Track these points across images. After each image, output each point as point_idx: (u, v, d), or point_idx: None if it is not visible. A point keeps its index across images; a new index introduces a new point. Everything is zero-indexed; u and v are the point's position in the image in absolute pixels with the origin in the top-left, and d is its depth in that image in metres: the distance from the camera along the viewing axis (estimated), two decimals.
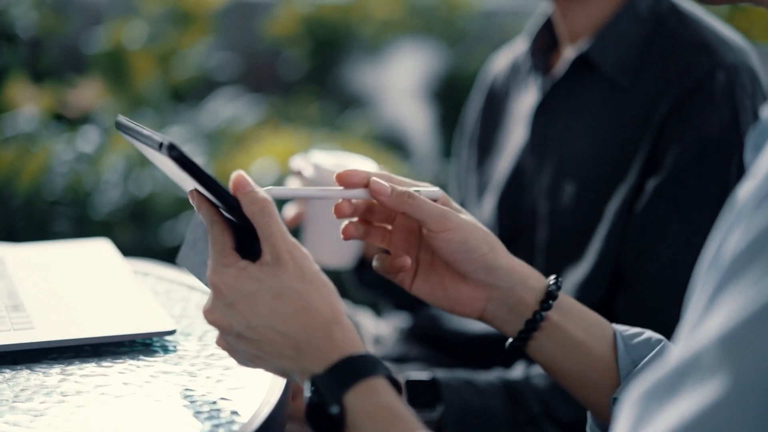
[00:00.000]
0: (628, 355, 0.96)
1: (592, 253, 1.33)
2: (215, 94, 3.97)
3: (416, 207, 0.93)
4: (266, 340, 0.85)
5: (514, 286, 0.97)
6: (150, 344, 1.07)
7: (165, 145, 0.83)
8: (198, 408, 0.92)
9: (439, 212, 0.94)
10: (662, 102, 1.28)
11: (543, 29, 1.47)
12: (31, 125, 3.28)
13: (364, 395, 0.81)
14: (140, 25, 4.10)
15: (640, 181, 1.29)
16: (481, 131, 1.61)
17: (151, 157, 0.96)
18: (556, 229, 1.39)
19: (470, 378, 1.34)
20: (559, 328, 0.97)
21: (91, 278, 1.24)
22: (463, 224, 0.94)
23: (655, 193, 1.27)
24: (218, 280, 0.86)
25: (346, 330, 0.85)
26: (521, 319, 0.97)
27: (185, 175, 0.85)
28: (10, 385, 0.96)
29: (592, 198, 1.34)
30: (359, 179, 0.95)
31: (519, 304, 0.97)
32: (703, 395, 0.57)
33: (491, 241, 0.96)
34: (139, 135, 0.90)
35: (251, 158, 3.12)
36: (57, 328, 1.06)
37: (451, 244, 0.94)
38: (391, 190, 0.94)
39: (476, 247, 0.94)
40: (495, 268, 0.96)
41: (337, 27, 4.40)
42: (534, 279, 0.98)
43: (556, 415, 1.31)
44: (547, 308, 0.96)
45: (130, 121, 0.93)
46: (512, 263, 0.97)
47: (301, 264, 0.85)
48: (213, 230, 0.88)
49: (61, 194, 2.99)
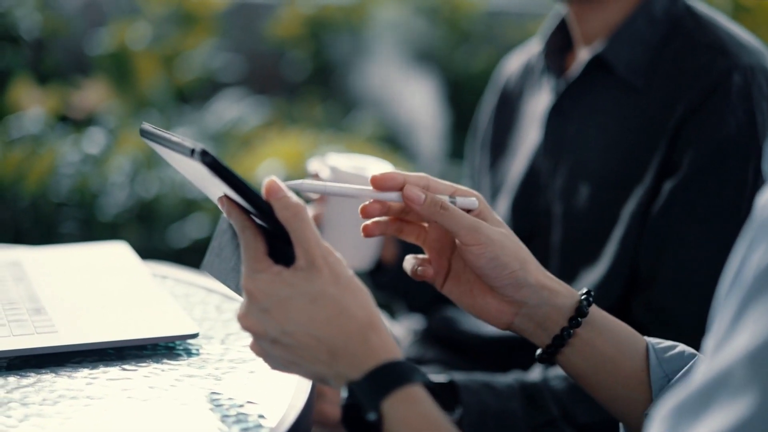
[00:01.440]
0: (660, 369, 0.94)
1: (608, 256, 1.33)
2: (220, 96, 3.97)
3: (447, 218, 0.92)
4: (302, 345, 0.84)
5: (543, 303, 0.95)
6: (173, 347, 1.07)
7: (197, 152, 0.83)
8: (225, 412, 0.92)
9: (471, 226, 0.92)
10: (678, 104, 1.28)
11: (557, 31, 1.47)
12: (37, 127, 3.28)
13: (402, 403, 0.81)
14: (144, 27, 4.10)
15: (656, 184, 1.29)
16: (494, 133, 1.60)
17: (175, 163, 0.95)
18: (570, 230, 1.39)
19: (488, 380, 1.34)
20: (588, 344, 0.95)
21: (111, 281, 1.24)
22: (494, 240, 0.93)
23: (672, 195, 1.27)
24: (252, 286, 0.85)
25: (383, 336, 0.84)
26: (549, 335, 0.96)
27: (216, 181, 0.85)
28: (36, 389, 0.95)
29: (607, 200, 1.34)
30: (394, 183, 0.93)
31: (547, 321, 0.96)
32: (733, 412, 0.57)
33: (522, 258, 0.94)
34: (166, 141, 0.89)
35: (258, 159, 3.12)
36: (80, 331, 1.06)
37: (480, 259, 0.93)
38: (424, 198, 0.92)
39: (506, 264, 0.93)
40: (524, 286, 0.94)
41: (341, 28, 4.40)
42: (563, 296, 0.96)
43: (575, 417, 1.31)
44: (575, 326, 0.95)
45: (155, 128, 0.93)
46: (542, 280, 0.95)
47: (336, 269, 0.85)
48: (245, 236, 0.87)
49: (68, 196, 2.98)
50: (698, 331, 1.25)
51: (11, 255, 1.33)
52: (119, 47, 3.98)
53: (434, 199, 0.92)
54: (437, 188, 0.95)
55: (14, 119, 3.38)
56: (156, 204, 2.98)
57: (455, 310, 1.58)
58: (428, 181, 0.95)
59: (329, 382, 0.85)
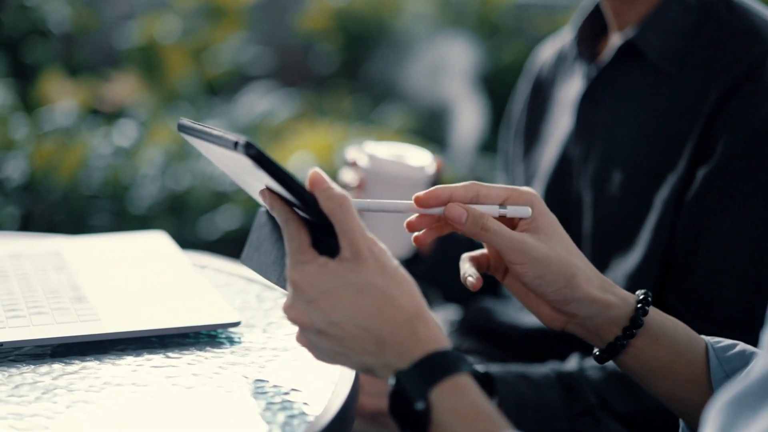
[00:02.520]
0: (721, 369, 0.93)
1: (642, 244, 1.32)
2: (249, 88, 3.98)
3: (489, 239, 0.91)
4: (348, 336, 0.83)
5: (594, 315, 0.94)
6: (215, 336, 1.07)
7: (241, 144, 0.82)
8: (270, 399, 0.92)
9: (513, 246, 0.91)
10: (711, 90, 1.27)
11: (590, 17, 1.46)
12: (68, 120, 3.29)
13: (450, 392, 0.80)
14: (173, 20, 4.11)
15: (689, 171, 1.28)
16: (527, 121, 1.60)
17: (212, 157, 0.95)
18: (602, 218, 1.38)
19: (524, 371, 1.34)
20: (644, 350, 0.94)
21: (151, 270, 1.24)
22: (538, 259, 0.91)
23: (706, 182, 1.26)
24: (298, 277, 0.85)
25: (430, 325, 0.84)
26: (603, 342, 0.95)
27: (260, 173, 0.84)
28: (81, 376, 0.96)
29: (639, 187, 1.33)
30: (439, 201, 0.92)
31: (600, 330, 0.95)
32: None
33: (570, 274, 0.92)
34: (206, 135, 0.89)
35: (288, 152, 3.12)
36: (122, 319, 1.06)
37: (524, 277, 0.92)
38: (466, 218, 0.91)
39: (551, 282, 0.92)
40: (572, 301, 0.93)
41: (369, 20, 4.39)
42: (617, 308, 0.94)
43: (613, 406, 1.30)
44: (629, 336, 0.93)
45: (194, 122, 0.92)
46: (593, 294, 0.93)
47: (381, 259, 0.84)
48: (289, 228, 0.87)
49: (99, 188, 2.99)
50: (736, 319, 1.25)
51: (51, 244, 1.33)
52: (149, 41, 4.00)
53: (475, 218, 0.91)
54: (488, 195, 0.93)
55: (45, 112, 3.40)
56: (187, 196, 2.98)
57: (492, 300, 1.57)
58: (477, 189, 0.93)
59: (376, 373, 0.85)
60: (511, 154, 1.64)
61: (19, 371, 0.96)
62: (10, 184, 2.95)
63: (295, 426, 0.87)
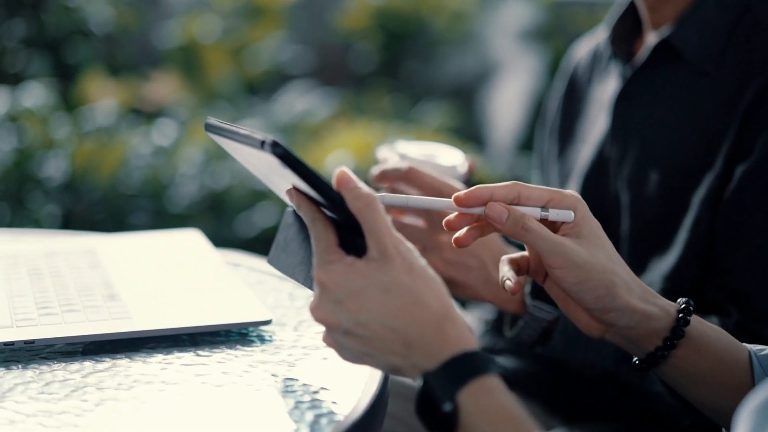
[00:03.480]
0: (766, 378, 0.91)
1: (679, 243, 1.30)
2: (288, 88, 3.99)
3: (530, 239, 0.90)
4: (375, 336, 0.83)
5: (634, 326, 0.92)
6: (246, 334, 1.07)
7: (268, 143, 0.82)
8: (299, 398, 0.92)
9: (554, 249, 0.89)
10: (748, 87, 1.25)
11: (624, 15, 1.44)
12: (109, 119, 3.31)
13: (478, 394, 0.80)
14: (213, 20, 4.13)
15: (727, 169, 1.26)
16: (562, 120, 1.58)
17: (240, 156, 0.95)
18: (639, 219, 1.36)
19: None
20: (686, 361, 0.92)
21: (184, 268, 1.25)
22: (579, 264, 0.89)
23: (744, 179, 1.24)
24: (325, 277, 0.84)
25: (459, 325, 0.83)
26: (643, 352, 0.93)
27: (287, 173, 0.84)
28: (111, 374, 0.96)
29: (677, 187, 1.31)
30: (479, 201, 0.91)
31: (640, 341, 0.93)
32: None
33: (610, 282, 0.90)
34: (234, 134, 0.88)
35: (326, 151, 3.12)
36: (154, 317, 1.06)
37: (564, 282, 0.90)
38: (506, 217, 0.90)
39: (591, 289, 0.90)
40: (611, 310, 0.91)
41: (409, 19, 4.39)
42: (657, 318, 0.92)
43: None
44: (670, 347, 0.91)
45: (221, 122, 0.92)
46: (633, 304, 0.91)
47: (408, 259, 0.84)
48: (316, 227, 0.86)
49: (139, 188, 3.01)
50: None
51: (86, 243, 1.34)
52: (189, 40, 4.02)
53: (516, 218, 0.89)
54: (530, 196, 0.91)
55: (86, 112, 3.42)
56: (225, 195, 3.00)
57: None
58: (519, 189, 0.91)
59: (404, 373, 0.84)
60: (546, 152, 1.63)
61: (50, 369, 0.97)
62: (52, 183, 2.98)
63: (324, 425, 0.87)
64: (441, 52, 4.35)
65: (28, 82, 3.46)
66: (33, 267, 1.22)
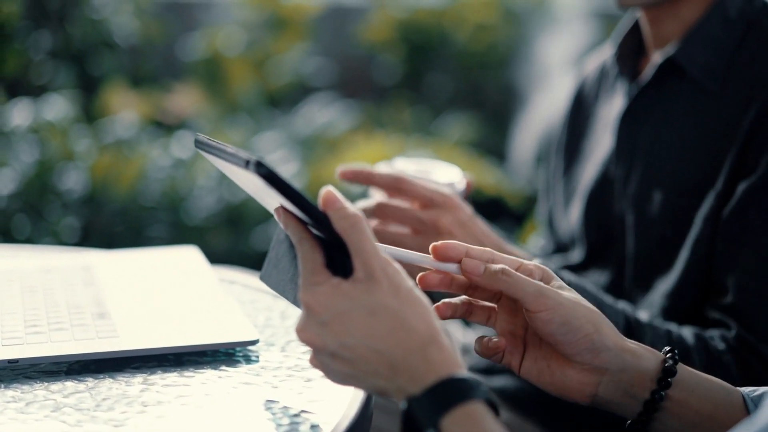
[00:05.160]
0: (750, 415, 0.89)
1: (681, 262, 1.29)
2: (309, 100, 3.99)
3: (511, 284, 0.88)
4: (361, 359, 0.82)
5: (626, 367, 0.89)
6: (233, 354, 1.07)
7: (252, 162, 0.82)
8: (278, 420, 0.91)
9: (536, 290, 0.88)
10: (752, 106, 1.24)
11: (630, 34, 1.43)
12: (130, 131, 3.33)
13: (462, 421, 0.79)
14: (237, 32, 4.14)
15: (728, 186, 1.25)
16: (568, 137, 1.57)
17: (230, 174, 0.95)
18: (644, 238, 1.35)
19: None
20: (682, 405, 0.90)
21: (177, 286, 1.24)
22: (563, 303, 0.88)
23: (746, 197, 1.22)
24: (311, 299, 0.83)
25: (444, 350, 0.82)
26: (639, 402, 0.90)
27: (272, 192, 0.84)
28: (92, 393, 0.96)
29: (681, 206, 1.30)
30: (455, 253, 0.91)
31: (634, 386, 0.90)
32: None
33: (596, 321, 0.89)
34: (221, 153, 0.88)
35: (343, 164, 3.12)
36: (140, 336, 1.06)
37: (550, 325, 0.88)
38: (483, 270, 0.89)
39: (579, 328, 0.88)
40: (602, 350, 0.89)
41: (432, 32, 4.38)
42: (647, 358, 0.90)
43: None
44: (666, 387, 0.89)
45: (210, 139, 0.92)
46: (621, 343, 0.90)
47: (395, 281, 0.83)
48: (302, 247, 0.86)
49: (158, 200, 3.02)
50: None
51: (84, 259, 1.34)
52: (213, 53, 4.03)
53: (494, 269, 0.89)
54: (501, 262, 0.91)
55: (107, 123, 3.44)
56: (243, 208, 3.00)
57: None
58: (492, 255, 0.91)
59: (390, 395, 0.84)
60: (552, 169, 1.61)
61: (31, 388, 0.97)
62: (71, 196, 2.99)
63: None
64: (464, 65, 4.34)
65: (50, 94, 3.49)
66: (27, 284, 1.23)
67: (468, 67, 4.37)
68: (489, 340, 0.93)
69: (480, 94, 4.38)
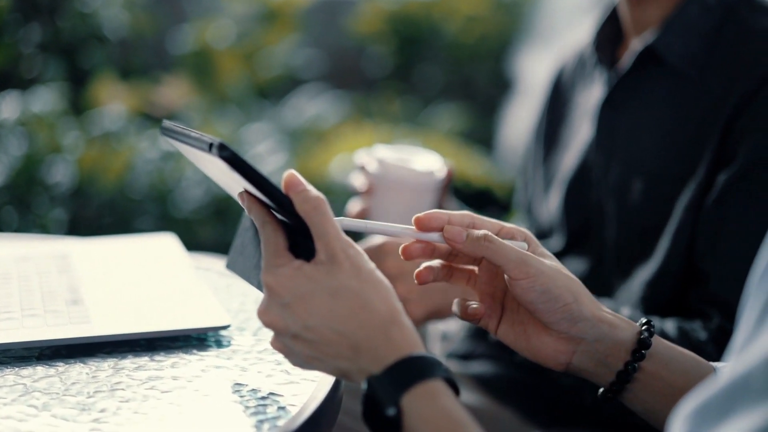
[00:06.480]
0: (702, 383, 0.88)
1: (661, 250, 1.29)
2: (299, 91, 3.99)
3: (494, 251, 0.88)
4: (323, 340, 0.83)
5: (602, 337, 0.90)
6: (204, 339, 1.07)
7: (215, 146, 0.82)
8: (246, 403, 0.92)
9: (519, 257, 0.88)
10: (732, 93, 1.24)
11: (608, 21, 1.43)
12: (118, 123, 3.33)
13: (422, 398, 0.79)
14: (227, 25, 4.14)
15: (709, 175, 1.25)
16: (547, 124, 1.57)
17: (196, 160, 0.95)
18: (625, 227, 1.35)
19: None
20: (655, 377, 0.90)
21: (152, 273, 1.25)
22: (544, 272, 0.88)
23: (727, 185, 1.23)
24: (273, 281, 0.84)
25: (405, 330, 0.83)
26: (612, 372, 0.91)
27: (236, 176, 0.84)
28: (62, 378, 0.96)
29: (662, 194, 1.30)
30: (437, 223, 0.91)
31: (608, 356, 0.90)
32: (754, 420, 0.54)
33: (576, 291, 0.89)
34: (186, 138, 0.89)
35: (331, 155, 3.12)
36: (112, 322, 1.06)
37: (531, 293, 0.88)
38: (465, 236, 0.89)
39: (558, 297, 0.88)
40: (579, 320, 0.89)
41: (422, 23, 4.38)
42: (623, 329, 0.90)
43: None
44: (640, 359, 0.90)
45: (176, 125, 0.92)
46: (598, 314, 0.90)
47: (356, 262, 0.84)
48: (265, 231, 0.86)
49: (146, 192, 3.02)
50: None
51: (60, 247, 1.34)
52: (202, 45, 4.03)
53: (477, 235, 0.89)
54: (482, 227, 0.91)
55: (94, 116, 3.44)
56: (231, 200, 2.99)
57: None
58: (472, 219, 0.91)
59: (352, 378, 0.84)
60: (531, 157, 1.62)
61: (1, 373, 0.97)
62: (59, 188, 2.99)
63: (266, 430, 0.87)
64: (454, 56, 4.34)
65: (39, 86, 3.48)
66: (3, 272, 1.23)
67: (458, 58, 4.37)
68: (469, 305, 0.93)
69: (470, 85, 4.38)
